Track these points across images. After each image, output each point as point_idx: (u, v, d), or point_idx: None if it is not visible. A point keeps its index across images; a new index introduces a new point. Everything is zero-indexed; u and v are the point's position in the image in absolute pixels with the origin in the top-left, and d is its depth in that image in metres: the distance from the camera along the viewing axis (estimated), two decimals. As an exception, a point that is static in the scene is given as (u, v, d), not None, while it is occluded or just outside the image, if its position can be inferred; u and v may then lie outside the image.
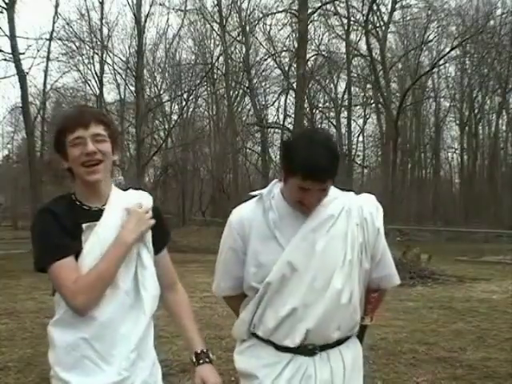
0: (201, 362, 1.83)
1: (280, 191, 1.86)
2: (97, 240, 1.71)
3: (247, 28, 24.44)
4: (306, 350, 1.78)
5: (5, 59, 18.22)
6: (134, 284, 1.75)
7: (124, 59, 25.50)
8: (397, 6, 23.53)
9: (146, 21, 23.06)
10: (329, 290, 1.75)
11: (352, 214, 1.83)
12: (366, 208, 1.86)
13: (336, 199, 1.85)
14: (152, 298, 1.77)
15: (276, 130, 28.56)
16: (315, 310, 1.74)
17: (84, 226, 1.72)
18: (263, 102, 29.89)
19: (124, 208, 1.79)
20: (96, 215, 1.74)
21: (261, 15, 23.27)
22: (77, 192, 1.81)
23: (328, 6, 21.98)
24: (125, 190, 1.90)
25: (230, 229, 1.88)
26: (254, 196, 1.91)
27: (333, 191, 1.85)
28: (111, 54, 25.06)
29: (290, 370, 1.77)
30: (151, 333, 1.81)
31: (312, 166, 1.68)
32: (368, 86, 28.63)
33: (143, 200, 1.86)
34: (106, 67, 24.95)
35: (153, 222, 1.78)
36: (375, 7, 22.40)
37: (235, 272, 1.87)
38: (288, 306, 1.75)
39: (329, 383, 1.78)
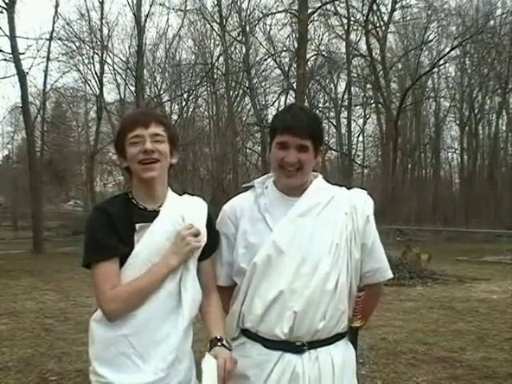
0: (212, 346, 1.75)
1: (272, 182, 1.90)
2: (149, 241, 1.72)
3: (247, 28, 24.39)
4: (294, 346, 1.76)
5: (5, 59, 18.20)
6: (178, 287, 1.75)
7: (124, 59, 25.48)
8: (397, 6, 23.56)
9: (146, 21, 23.07)
10: (316, 274, 1.75)
11: (341, 204, 1.85)
12: (356, 198, 1.89)
13: (326, 189, 1.89)
14: (192, 301, 1.76)
15: (276, 130, 28.51)
16: (302, 295, 1.74)
17: (138, 226, 1.74)
18: (263, 102, 29.89)
19: (180, 214, 1.78)
20: (151, 216, 1.75)
21: (261, 15, 23.24)
22: (133, 192, 1.82)
23: (328, 6, 21.98)
24: (180, 194, 1.90)
25: (222, 215, 1.92)
26: (248, 188, 1.95)
27: (324, 183, 1.91)
28: (111, 54, 25.03)
29: (278, 369, 1.75)
30: (190, 336, 1.79)
31: (289, 119, 1.79)
32: (368, 86, 28.61)
33: (197, 206, 1.87)
34: (106, 67, 24.90)
35: (198, 245, 1.76)
36: (375, 7, 22.42)
37: (228, 258, 1.88)
38: (275, 289, 1.74)
39: (317, 382, 1.75)
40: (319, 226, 1.80)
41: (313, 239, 1.78)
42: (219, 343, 1.75)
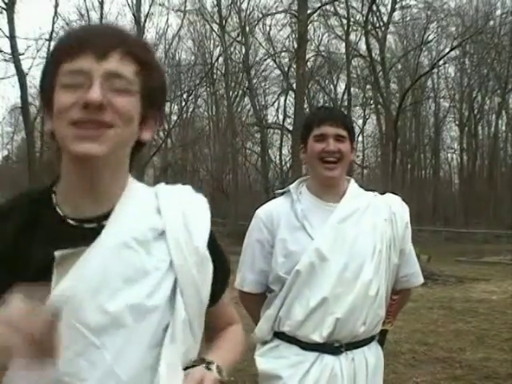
0: (190, 367, 1.00)
1: (306, 187, 1.90)
2: (79, 278, 0.91)
3: (247, 28, 24.40)
4: (333, 347, 1.76)
5: (5, 59, 18.21)
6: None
7: (124, 59, 25.51)
8: (396, 6, 23.51)
9: (145, 21, 23.07)
10: (359, 280, 1.74)
11: (379, 210, 1.86)
12: (394, 205, 1.91)
13: (363, 195, 1.90)
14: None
15: (276, 131, 28.57)
16: (345, 301, 1.73)
17: (58, 254, 0.92)
18: (263, 103, 29.87)
19: (149, 226, 1.00)
20: (88, 234, 0.94)
21: (260, 16, 23.24)
22: (60, 186, 0.99)
23: (328, 7, 21.96)
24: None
25: (257, 221, 1.88)
26: (280, 195, 1.95)
27: (358, 188, 1.92)
28: (111, 54, 25.07)
29: (316, 369, 1.74)
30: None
31: (324, 112, 1.91)
32: (368, 86, 28.62)
33: (193, 209, 1.05)
34: (105, 67, 24.95)
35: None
36: (375, 8, 22.37)
37: (261, 265, 1.85)
38: (318, 296, 1.73)
39: (352, 382, 1.76)
40: (360, 231, 1.80)
41: (354, 245, 1.77)
42: (203, 364, 1.01)
